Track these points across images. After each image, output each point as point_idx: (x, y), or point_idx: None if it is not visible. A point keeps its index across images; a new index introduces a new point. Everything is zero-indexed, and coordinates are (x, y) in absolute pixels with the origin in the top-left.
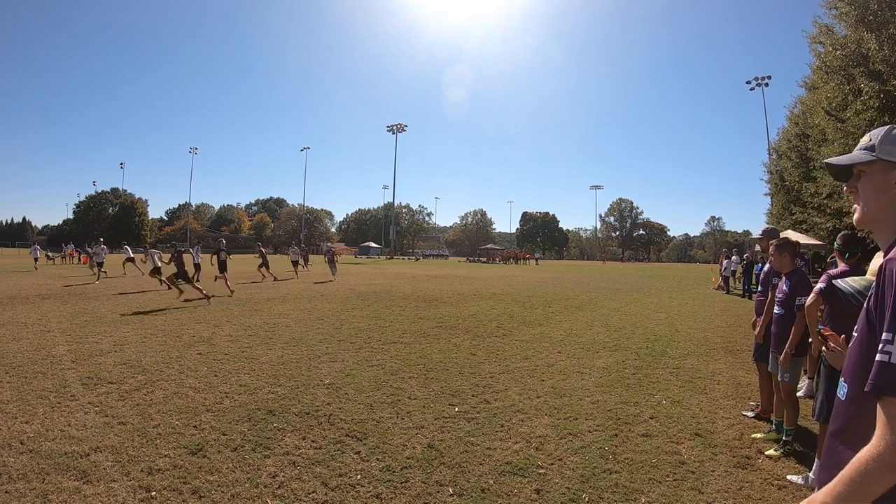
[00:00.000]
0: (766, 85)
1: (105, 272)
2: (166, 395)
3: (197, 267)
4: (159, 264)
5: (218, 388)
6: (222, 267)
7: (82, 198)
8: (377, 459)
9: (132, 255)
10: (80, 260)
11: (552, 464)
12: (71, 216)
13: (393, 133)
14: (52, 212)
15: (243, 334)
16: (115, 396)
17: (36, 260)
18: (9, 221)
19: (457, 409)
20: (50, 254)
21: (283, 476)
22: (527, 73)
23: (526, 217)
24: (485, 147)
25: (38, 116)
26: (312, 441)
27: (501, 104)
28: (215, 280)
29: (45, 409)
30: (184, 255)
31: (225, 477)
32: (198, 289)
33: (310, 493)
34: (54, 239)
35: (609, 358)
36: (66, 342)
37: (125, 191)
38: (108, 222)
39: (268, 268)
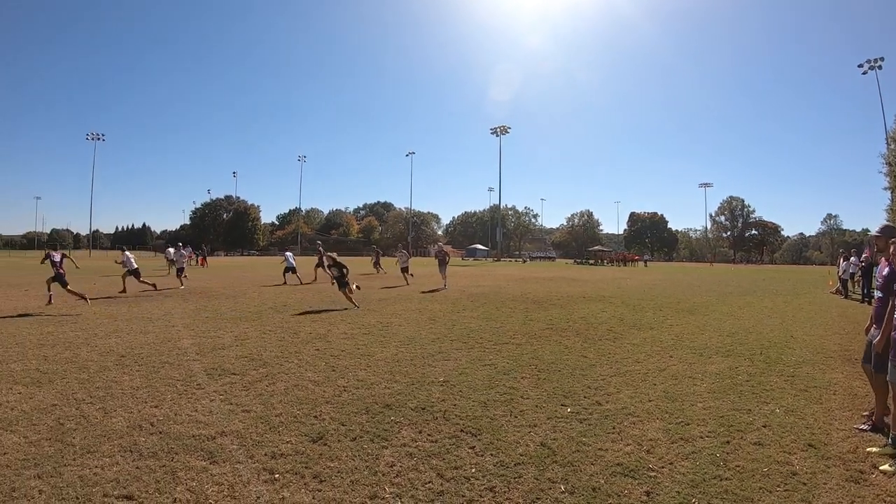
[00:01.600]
0: (880, 67)
1: (186, 276)
2: (287, 386)
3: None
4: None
5: (336, 382)
6: (318, 264)
7: (198, 205)
8: (491, 455)
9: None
10: (197, 262)
11: (663, 467)
12: (188, 222)
13: (497, 135)
14: (169, 218)
15: (358, 332)
16: (238, 387)
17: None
18: (130, 227)
19: (569, 410)
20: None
21: (401, 466)
22: (631, 68)
23: (634, 217)
24: (590, 145)
25: (155, 130)
26: (428, 435)
27: (605, 100)
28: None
29: (173, 395)
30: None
31: (344, 464)
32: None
33: (426, 483)
34: (172, 243)
35: (722, 363)
36: (189, 336)
37: (238, 197)
38: (222, 227)
39: (378, 265)
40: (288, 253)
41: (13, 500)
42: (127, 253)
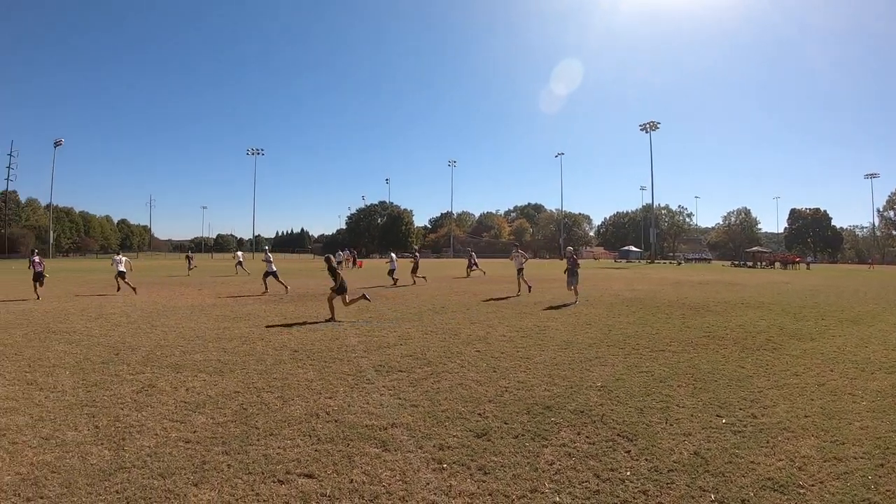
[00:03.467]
0: None
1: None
2: (451, 385)
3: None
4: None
5: (497, 383)
6: (414, 269)
7: (353, 210)
8: (646, 459)
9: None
10: (354, 264)
11: (813, 485)
12: (343, 226)
13: (646, 132)
14: (326, 223)
15: (516, 335)
16: (405, 383)
17: (339, 263)
18: (289, 231)
19: (724, 421)
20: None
21: (560, 465)
22: (789, 51)
23: (794, 215)
24: (745, 138)
25: (309, 142)
26: (586, 437)
27: (757, 90)
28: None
29: (345, 388)
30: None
31: (507, 459)
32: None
33: (583, 482)
34: (329, 246)
35: (885, 380)
36: (356, 335)
37: (391, 203)
38: (377, 231)
39: (475, 266)
40: (393, 255)
41: (204, 471)
42: (270, 255)
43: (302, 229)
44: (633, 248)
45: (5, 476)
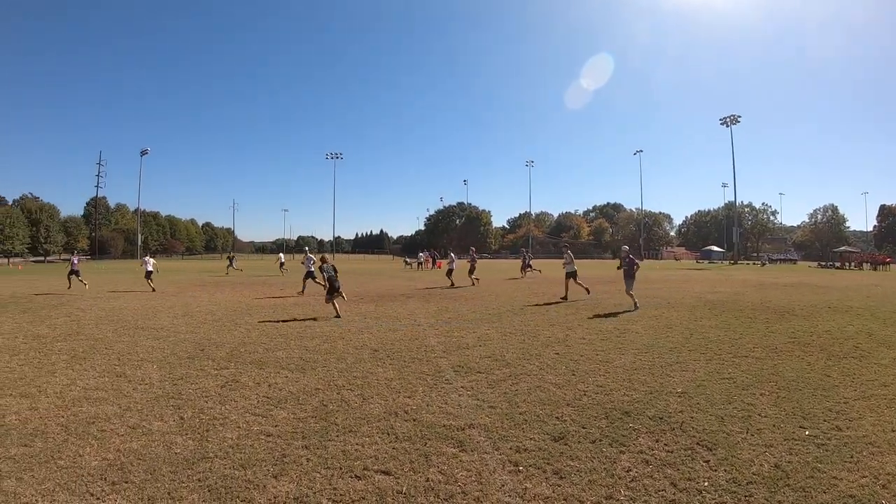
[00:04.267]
0: None
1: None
2: (529, 387)
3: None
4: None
5: (576, 386)
6: (471, 270)
7: (431, 212)
8: (724, 470)
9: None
10: (433, 265)
11: None
12: (422, 227)
13: (727, 125)
14: (405, 224)
15: (595, 338)
16: (483, 384)
17: (419, 265)
18: (368, 233)
19: (807, 433)
20: (408, 259)
21: (637, 472)
22: (876, 38)
23: (884, 211)
24: (831, 128)
25: (388, 143)
26: (665, 444)
27: (845, 77)
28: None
29: (424, 388)
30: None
31: (584, 464)
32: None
33: (659, 490)
34: (408, 247)
35: None
36: (435, 335)
37: (469, 204)
38: (455, 232)
39: (529, 267)
40: (452, 255)
41: (283, 464)
42: (310, 256)
43: (381, 230)
44: (716, 249)
45: (93, 461)
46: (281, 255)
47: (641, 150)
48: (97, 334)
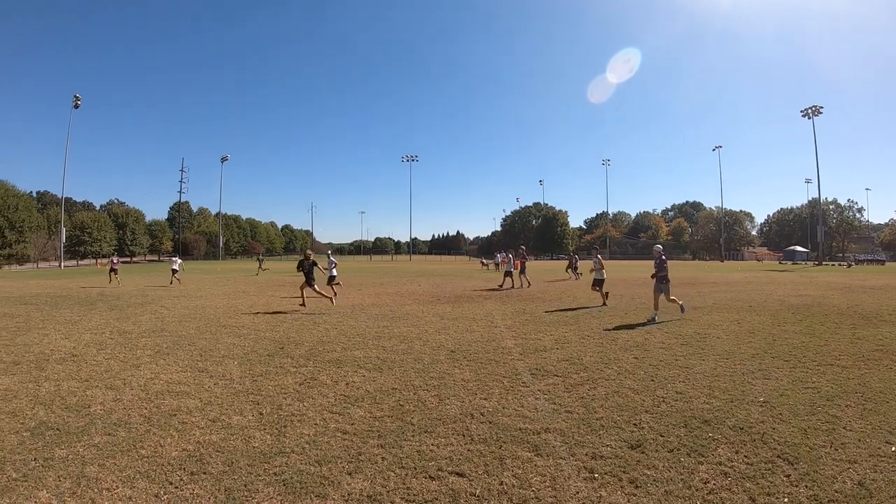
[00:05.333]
0: None
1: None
2: (607, 392)
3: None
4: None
5: (655, 392)
6: (522, 269)
7: (508, 212)
8: (805, 486)
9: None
10: (510, 266)
11: None
12: (498, 228)
13: (808, 117)
14: (481, 225)
15: (675, 343)
16: (560, 388)
17: (496, 265)
18: (445, 234)
19: (893, 449)
20: (484, 260)
21: (714, 484)
22: None
23: None
24: None
25: (463, 146)
26: (745, 456)
27: None
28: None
29: (500, 390)
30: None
31: (661, 473)
32: None
33: None
34: (484, 248)
35: None
36: (512, 337)
37: (546, 204)
38: (532, 233)
39: (575, 269)
40: (509, 255)
41: (359, 461)
42: (332, 259)
43: (458, 232)
44: (799, 249)
45: (173, 451)
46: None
47: (720, 146)
48: (180, 331)
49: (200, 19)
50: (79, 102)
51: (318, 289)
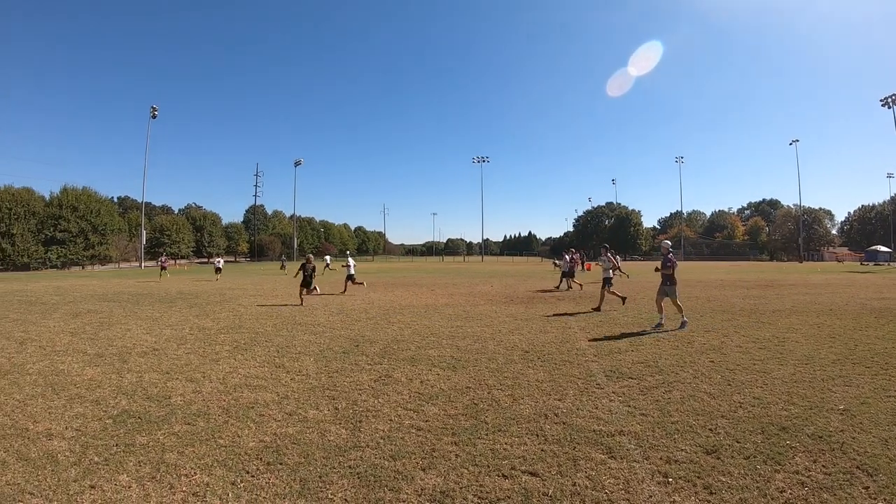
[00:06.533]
0: None
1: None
2: (683, 396)
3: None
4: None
5: (731, 397)
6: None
7: (580, 213)
8: (884, 500)
9: None
10: (582, 267)
11: None
12: (570, 229)
13: (888, 107)
14: (553, 225)
15: (753, 346)
16: (635, 390)
17: (557, 266)
18: (517, 235)
19: None
20: (557, 261)
21: (791, 494)
22: None
23: None
24: None
25: (535, 148)
26: (823, 466)
27: None
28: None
29: (575, 391)
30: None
31: (736, 480)
32: None
33: None
34: (556, 249)
35: None
36: (586, 338)
37: (619, 204)
38: (605, 233)
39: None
40: (567, 255)
41: (433, 458)
42: (350, 260)
43: (529, 232)
44: (882, 248)
45: (250, 442)
46: (327, 257)
47: (797, 140)
48: (257, 328)
49: (280, 19)
50: (156, 113)
51: (306, 293)
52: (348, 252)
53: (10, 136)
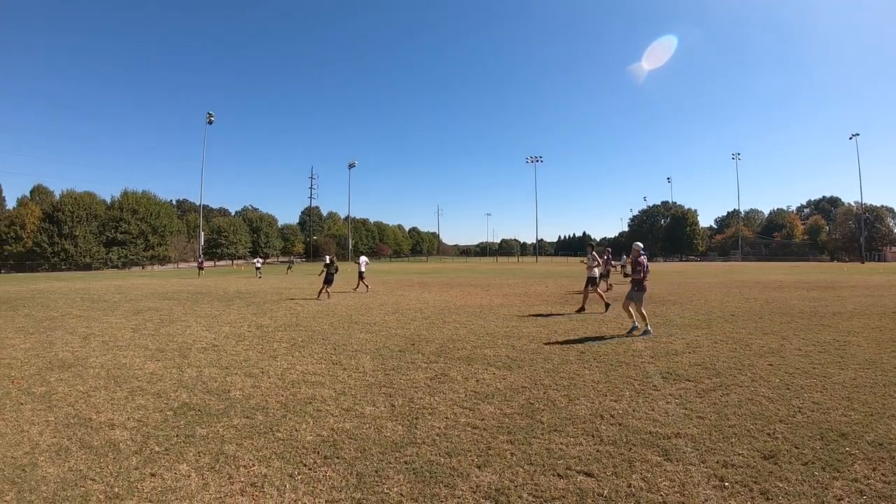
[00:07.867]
0: None
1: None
2: (741, 399)
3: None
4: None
5: (790, 402)
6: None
7: (635, 212)
8: None
9: None
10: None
11: None
12: (625, 229)
13: None
14: (608, 225)
15: (813, 350)
16: (692, 393)
17: (622, 266)
18: (571, 235)
19: None
20: (613, 262)
21: (849, 501)
22: None
23: None
24: None
25: (589, 148)
26: (882, 474)
27: None
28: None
29: (631, 393)
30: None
31: (793, 487)
32: None
33: None
34: (613, 250)
35: None
36: (642, 339)
37: (674, 203)
38: (660, 233)
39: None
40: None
41: (489, 456)
42: (363, 258)
43: (584, 232)
44: None
45: (308, 436)
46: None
47: (857, 134)
48: (314, 326)
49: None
50: (212, 119)
51: (328, 289)
52: (362, 252)
53: (75, 145)
